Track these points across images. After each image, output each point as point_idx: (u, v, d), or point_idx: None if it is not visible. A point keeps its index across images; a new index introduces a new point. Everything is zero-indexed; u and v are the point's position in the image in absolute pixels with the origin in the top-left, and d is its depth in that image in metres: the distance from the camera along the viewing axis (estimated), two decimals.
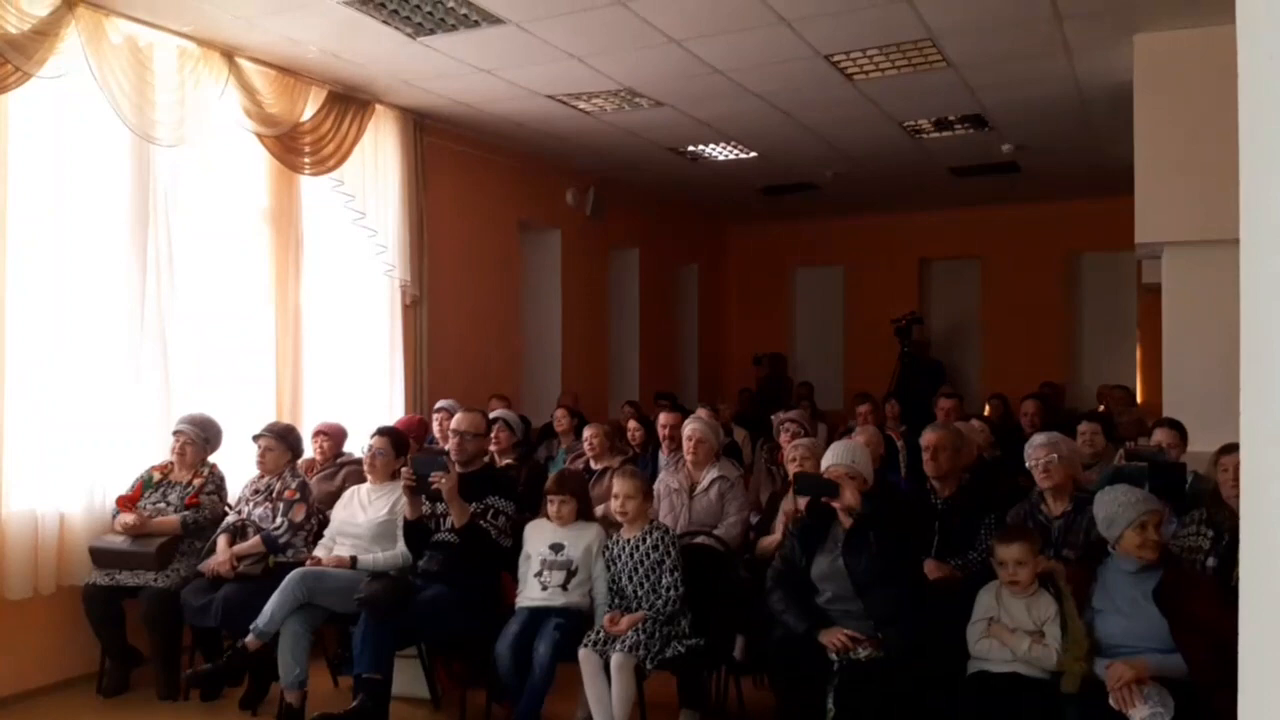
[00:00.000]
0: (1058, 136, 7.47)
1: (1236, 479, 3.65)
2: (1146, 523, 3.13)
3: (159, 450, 4.97)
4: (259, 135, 5.51)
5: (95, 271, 4.82)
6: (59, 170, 4.69)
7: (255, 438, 4.79)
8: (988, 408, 8.10)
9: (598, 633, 3.73)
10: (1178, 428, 4.71)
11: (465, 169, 7.52)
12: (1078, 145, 7.72)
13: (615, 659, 3.54)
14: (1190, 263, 5.20)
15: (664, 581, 3.78)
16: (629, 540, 3.92)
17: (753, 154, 8.14)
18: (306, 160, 5.82)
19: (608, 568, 3.95)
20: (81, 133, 4.75)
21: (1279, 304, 1.15)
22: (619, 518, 3.95)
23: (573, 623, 3.81)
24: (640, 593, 3.82)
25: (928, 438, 4.18)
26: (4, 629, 4.43)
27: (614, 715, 3.51)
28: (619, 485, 3.95)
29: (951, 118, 7.02)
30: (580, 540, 4.01)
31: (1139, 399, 8.85)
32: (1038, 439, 3.95)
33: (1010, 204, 10.23)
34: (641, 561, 3.85)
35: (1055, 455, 3.83)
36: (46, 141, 4.64)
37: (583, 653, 3.64)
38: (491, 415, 5.65)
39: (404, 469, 4.12)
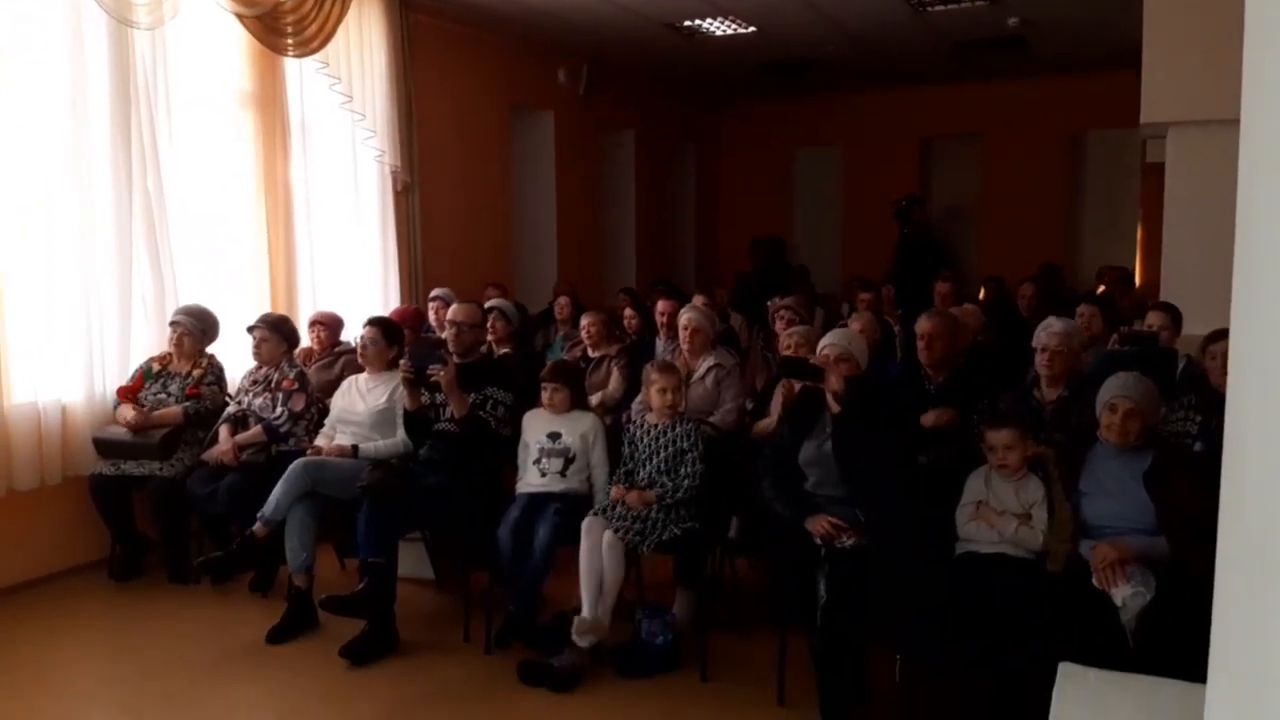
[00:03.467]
0: (1065, 9, 7.22)
1: (1225, 365, 3.65)
2: (1117, 405, 3.16)
3: (156, 342, 4.99)
4: (239, 16, 5.31)
5: (81, 162, 4.72)
6: (36, 58, 4.55)
7: (250, 329, 4.79)
8: (982, 291, 8.08)
9: (602, 506, 3.81)
10: (1171, 311, 4.71)
11: (454, 48, 7.30)
12: (1085, 19, 7.47)
13: (606, 537, 3.62)
14: (1195, 143, 5.11)
15: (684, 470, 3.82)
16: (654, 426, 3.92)
17: (751, 29, 7.89)
18: (289, 41, 5.63)
19: (629, 448, 3.97)
20: (56, 17, 4.58)
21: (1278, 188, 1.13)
22: (665, 410, 3.91)
23: (572, 507, 3.87)
24: (657, 477, 3.86)
25: (922, 326, 4.18)
26: (16, 518, 4.53)
27: (605, 592, 3.60)
28: (662, 379, 3.92)
29: None
30: (577, 428, 4.05)
31: (1138, 280, 8.83)
32: (1056, 325, 3.87)
33: (1015, 80, 9.98)
34: (665, 447, 3.88)
35: (1066, 349, 3.82)
36: (20, 29, 4.48)
37: (587, 521, 3.71)
38: (488, 305, 5.63)
39: (402, 361, 4.13)
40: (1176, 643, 2.69)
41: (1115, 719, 1.76)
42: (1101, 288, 7.90)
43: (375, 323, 4.62)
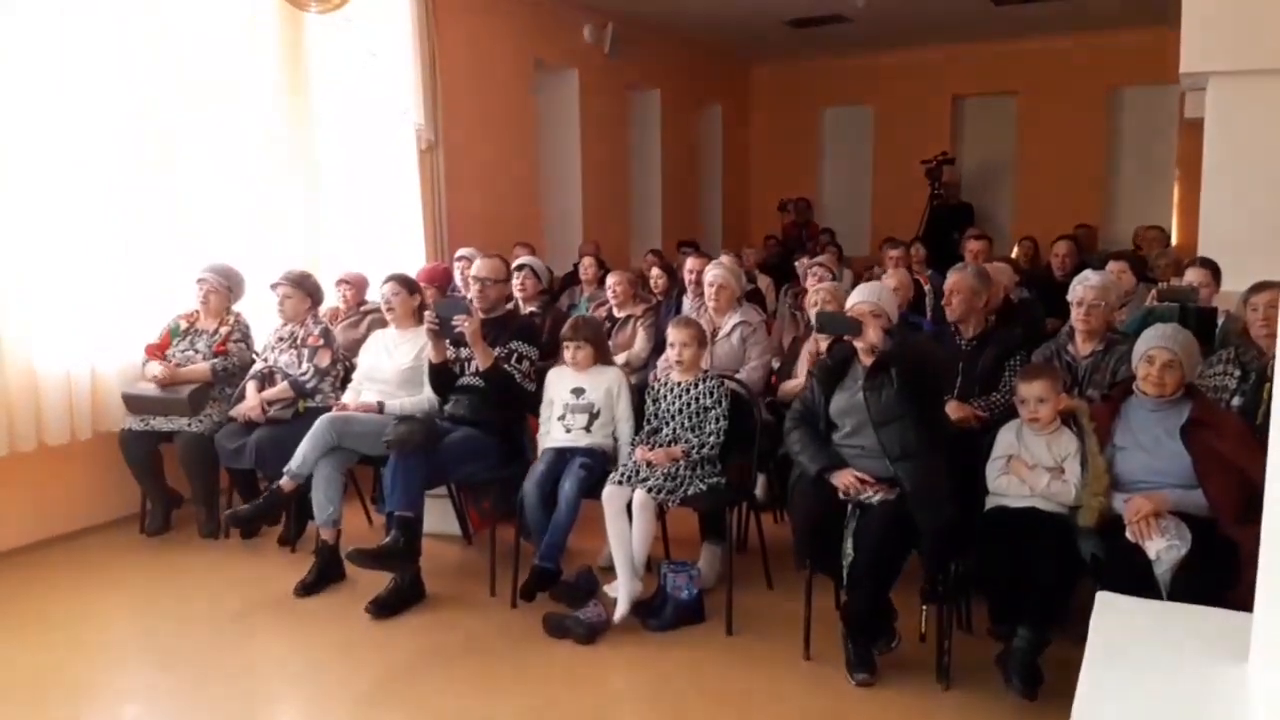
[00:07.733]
0: None
1: (1266, 318, 3.57)
2: (1154, 357, 3.09)
3: (182, 301, 5.00)
4: None
5: (104, 121, 4.72)
6: (59, 22, 4.53)
7: (273, 286, 4.80)
8: (1016, 249, 7.97)
9: (622, 471, 3.79)
10: (1211, 267, 4.60)
11: (478, 3, 7.21)
12: None
13: (638, 496, 3.61)
14: (1237, 94, 4.97)
15: (709, 427, 3.79)
16: (678, 384, 3.90)
17: None
18: None
19: (653, 406, 3.93)
20: None
21: None
22: (680, 366, 3.91)
23: (597, 462, 3.87)
24: (681, 433, 3.83)
25: (947, 282, 4.11)
26: (47, 473, 4.60)
27: (634, 553, 3.60)
28: (675, 334, 3.89)
29: None
30: (600, 383, 4.03)
31: (1175, 240, 8.66)
32: (1094, 278, 3.80)
33: (1049, 35, 9.76)
34: (688, 405, 3.85)
35: (1103, 303, 3.75)
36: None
37: (607, 490, 3.69)
38: (518, 262, 5.61)
39: (427, 313, 4.12)
40: (1210, 597, 2.64)
41: (1154, 646, 1.72)
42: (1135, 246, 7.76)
43: (392, 278, 4.60)
